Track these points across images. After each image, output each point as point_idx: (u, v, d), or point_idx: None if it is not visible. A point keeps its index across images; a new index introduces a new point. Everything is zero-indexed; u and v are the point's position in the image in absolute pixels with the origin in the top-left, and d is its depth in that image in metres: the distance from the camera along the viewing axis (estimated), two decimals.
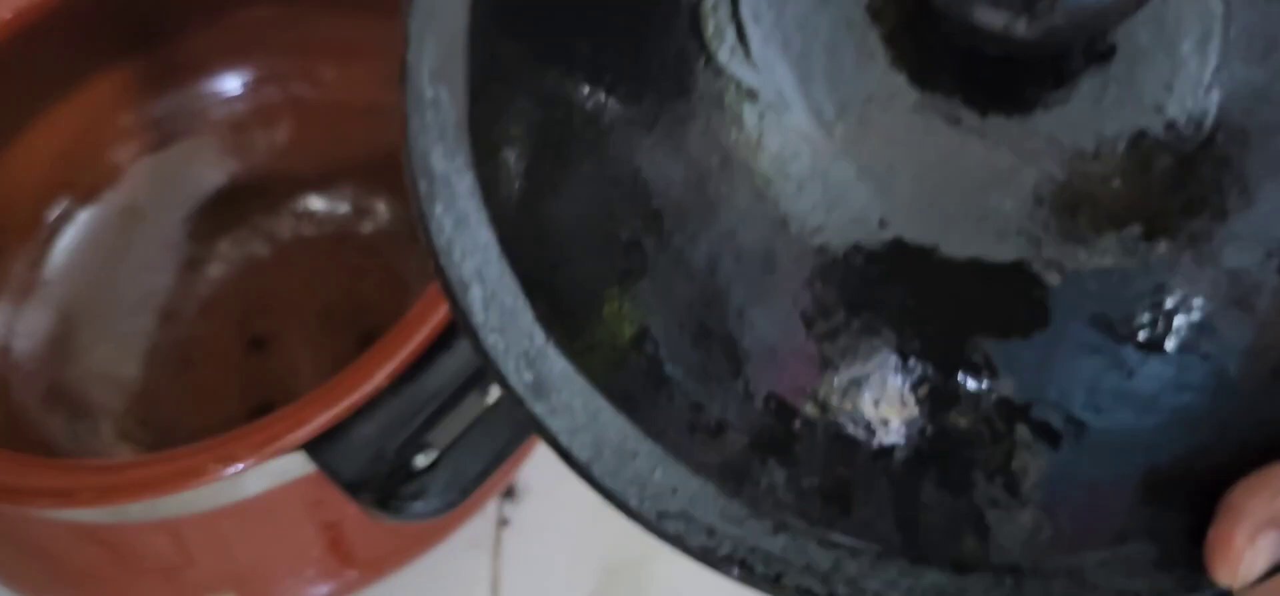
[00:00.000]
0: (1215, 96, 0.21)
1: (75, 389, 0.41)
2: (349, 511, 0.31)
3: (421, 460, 0.29)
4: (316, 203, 0.45)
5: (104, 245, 0.44)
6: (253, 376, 0.41)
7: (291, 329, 0.41)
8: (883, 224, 0.22)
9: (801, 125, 0.22)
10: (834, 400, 0.22)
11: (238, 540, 0.31)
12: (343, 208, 0.45)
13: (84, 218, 0.44)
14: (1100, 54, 0.22)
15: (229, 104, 0.46)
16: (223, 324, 0.43)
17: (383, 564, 0.33)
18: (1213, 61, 0.21)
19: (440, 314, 0.29)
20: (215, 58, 0.45)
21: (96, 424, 0.40)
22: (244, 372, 0.42)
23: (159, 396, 0.41)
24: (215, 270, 0.44)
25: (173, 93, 0.45)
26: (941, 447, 0.22)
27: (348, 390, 0.28)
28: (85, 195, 0.45)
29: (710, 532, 0.22)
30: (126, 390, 0.41)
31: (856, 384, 0.22)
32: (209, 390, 0.41)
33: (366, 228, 0.44)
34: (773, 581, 0.22)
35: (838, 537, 0.22)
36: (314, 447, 0.28)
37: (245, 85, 0.46)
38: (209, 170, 0.46)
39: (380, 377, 0.28)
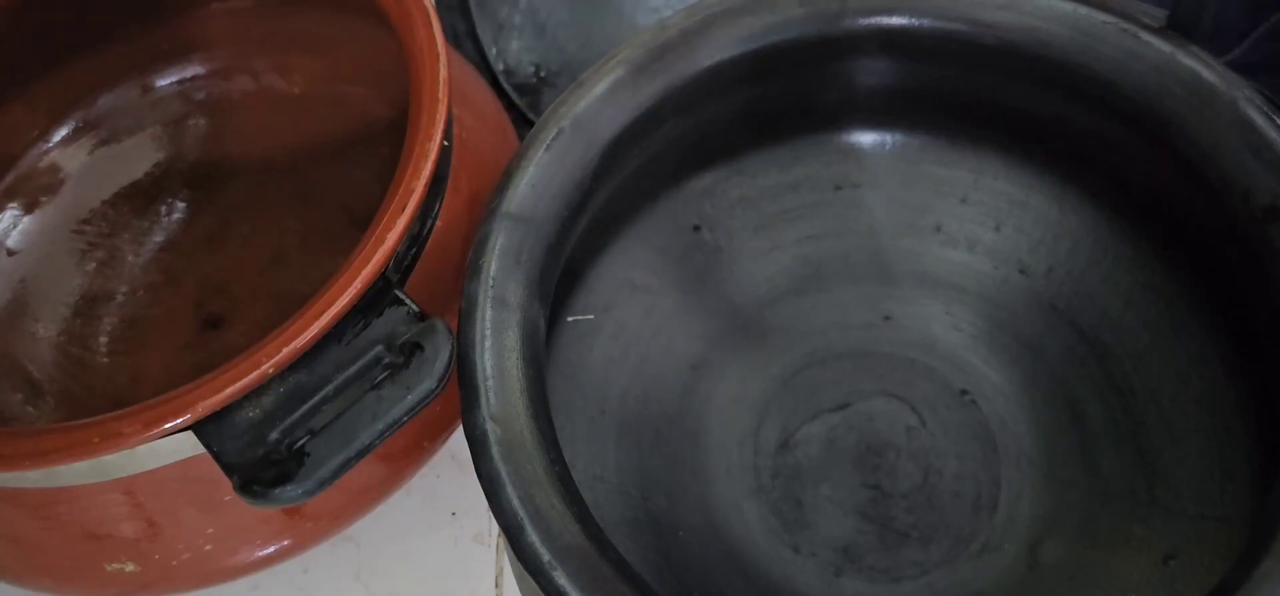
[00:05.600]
0: None
1: (30, 365, 0.43)
2: None
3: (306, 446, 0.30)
4: (271, 189, 0.47)
5: (60, 230, 0.46)
6: (207, 354, 0.43)
7: (246, 310, 0.42)
8: None
9: None
10: None
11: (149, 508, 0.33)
12: (297, 194, 0.46)
13: (40, 207, 0.46)
14: None
15: (184, 96, 0.48)
16: (178, 304, 0.44)
17: (315, 529, 0.36)
18: None
19: (333, 309, 0.30)
20: (169, 52, 0.47)
21: (51, 400, 0.42)
22: (199, 351, 0.43)
23: (115, 374, 0.43)
24: (171, 253, 0.46)
25: (127, 85, 0.47)
26: None
27: (235, 377, 0.30)
28: (39, 186, 0.46)
29: None
30: (83, 367, 0.43)
31: None
32: (164, 368, 0.43)
33: (317, 214, 0.46)
34: None
35: None
36: (201, 429, 0.30)
37: (199, 78, 0.48)
38: (164, 159, 0.47)
39: (268, 366, 0.30)
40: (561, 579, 0.27)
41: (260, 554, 0.36)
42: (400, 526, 0.42)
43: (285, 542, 0.36)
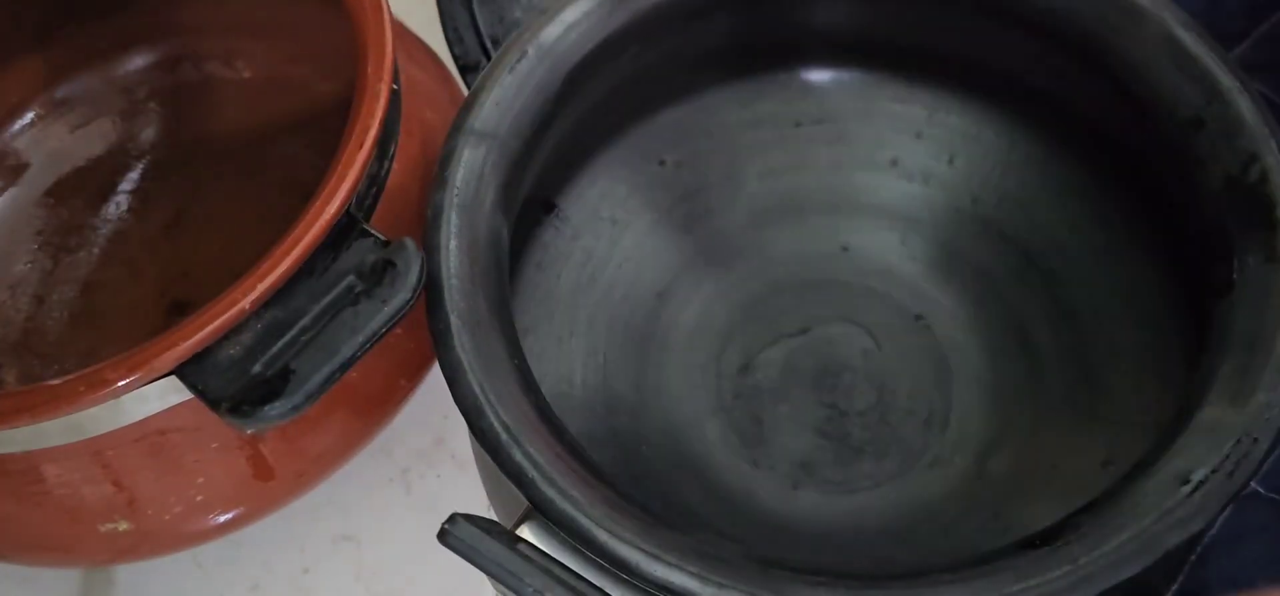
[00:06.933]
0: None
1: None
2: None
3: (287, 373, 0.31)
4: (224, 173, 0.47)
5: (18, 221, 0.47)
6: None
7: (211, 294, 0.44)
8: None
9: None
10: None
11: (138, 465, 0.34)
12: (249, 175, 0.47)
13: (8, 195, 0.47)
14: None
15: (137, 86, 0.49)
16: (142, 292, 0.45)
17: (292, 479, 0.37)
18: None
19: (303, 242, 0.31)
20: (131, 38, 0.48)
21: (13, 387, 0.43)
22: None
23: (83, 364, 0.44)
24: (136, 239, 0.46)
25: (91, 72, 0.48)
26: None
27: (212, 316, 0.30)
28: (6, 174, 0.48)
29: None
30: (48, 361, 0.43)
31: None
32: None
33: (272, 193, 0.47)
34: None
35: None
36: (184, 371, 0.31)
37: (160, 63, 0.49)
38: (128, 145, 0.48)
39: (245, 303, 0.30)
40: (518, 455, 0.29)
41: (260, 498, 0.36)
42: (400, 526, 0.43)
43: (289, 481, 0.36)
